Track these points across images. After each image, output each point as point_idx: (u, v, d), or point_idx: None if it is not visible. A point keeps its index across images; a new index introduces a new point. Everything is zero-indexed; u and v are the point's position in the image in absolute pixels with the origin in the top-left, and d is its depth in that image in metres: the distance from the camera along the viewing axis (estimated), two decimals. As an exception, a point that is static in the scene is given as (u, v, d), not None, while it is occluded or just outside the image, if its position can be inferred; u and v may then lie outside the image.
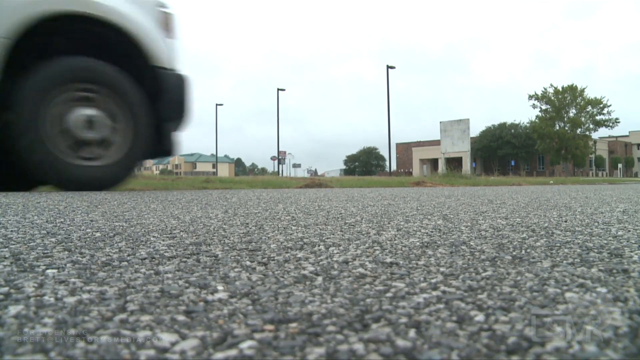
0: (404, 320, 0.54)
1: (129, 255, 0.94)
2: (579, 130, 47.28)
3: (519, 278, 0.75)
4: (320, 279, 0.75)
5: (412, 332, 0.50)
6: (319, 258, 0.92)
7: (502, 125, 62.13)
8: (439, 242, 1.12)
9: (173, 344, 0.47)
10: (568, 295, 0.64)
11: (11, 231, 1.28)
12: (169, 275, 0.76)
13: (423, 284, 0.71)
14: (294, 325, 0.52)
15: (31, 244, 1.07)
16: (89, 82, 3.00)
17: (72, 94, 3.01)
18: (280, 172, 35.92)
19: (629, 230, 1.34)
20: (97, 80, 3.02)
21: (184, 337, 0.48)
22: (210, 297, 0.63)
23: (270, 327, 0.52)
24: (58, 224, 1.45)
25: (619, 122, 46.86)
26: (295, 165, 48.56)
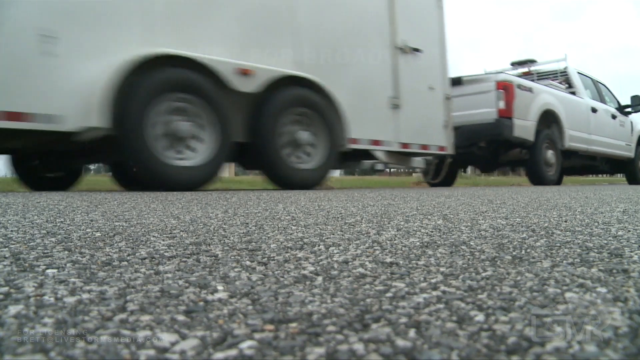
0: (403, 320, 0.54)
1: (129, 255, 0.94)
2: (579, 130, 47.23)
3: (519, 278, 0.75)
4: (320, 278, 0.75)
5: (412, 332, 0.50)
6: (319, 258, 0.92)
7: (502, 125, 62.00)
8: (439, 242, 1.12)
9: (173, 343, 0.47)
10: (568, 295, 0.64)
11: (11, 231, 1.28)
12: (169, 275, 0.76)
13: (423, 284, 0.71)
14: (294, 325, 0.52)
15: (31, 243, 1.07)
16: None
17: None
18: (280, 172, 35.84)
19: (629, 230, 1.34)
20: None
21: (184, 337, 0.48)
22: (210, 297, 0.63)
23: (270, 327, 0.52)
24: (58, 224, 1.45)
25: (619, 122, 46.80)
26: (295, 165, 48.49)
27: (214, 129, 3.50)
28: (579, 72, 8.19)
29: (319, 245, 1.07)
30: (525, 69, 8.26)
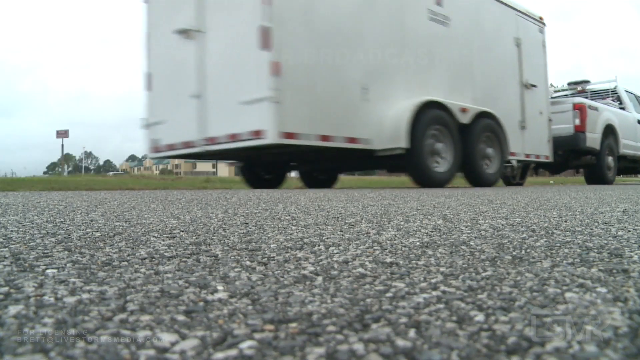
0: (403, 320, 0.54)
1: (129, 255, 0.94)
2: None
3: (519, 278, 0.75)
4: (320, 278, 0.75)
5: (412, 332, 0.50)
6: (318, 258, 0.92)
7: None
8: (439, 242, 1.12)
9: (173, 343, 0.47)
10: (568, 295, 0.64)
11: (11, 231, 1.29)
12: (169, 275, 0.76)
13: (423, 284, 0.71)
14: (293, 325, 0.52)
15: (31, 243, 1.07)
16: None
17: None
18: (280, 172, 35.80)
19: (629, 230, 1.34)
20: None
21: (183, 337, 0.48)
22: (210, 297, 0.63)
23: (270, 327, 0.52)
24: (58, 224, 1.45)
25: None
26: (295, 165, 48.40)
27: (451, 147, 5.39)
28: (626, 90, 9.93)
29: (319, 245, 1.07)
30: (579, 88, 10.07)
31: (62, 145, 22.36)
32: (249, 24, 4.20)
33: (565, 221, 1.60)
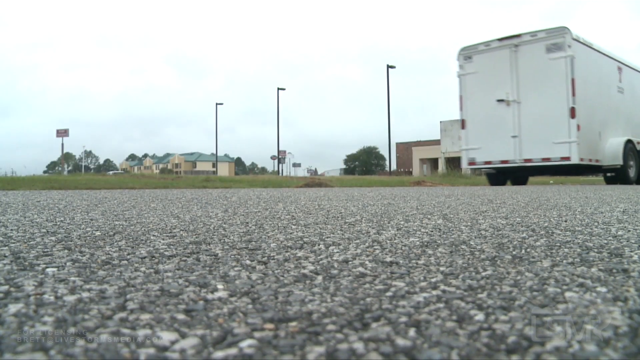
0: (403, 319, 0.54)
1: (128, 254, 0.94)
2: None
3: (519, 277, 0.75)
4: (320, 278, 0.75)
5: (412, 331, 0.50)
6: (318, 257, 0.92)
7: (503, 125, 62.12)
8: (439, 242, 1.12)
9: (173, 342, 0.47)
10: (568, 294, 0.64)
11: (11, 230, 1.28)
12: (169, 274, 0.76)
13: (423, 283, 0.71)
14: (293, 324, 0.52)
15: (31, 242, 1.07)
16: None
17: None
18: (280, 171, 35.90)
19: (629, 230, 1.34)
20: None
21: (183, 336, 0.48)
22: (210, 296, 0.63)
23: (270, 326, 0.52)
24: (58, 223, 1.45)
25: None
26: (295, 165, 48.50)
27: (634, 163, 9.35)
28: None
29: (319, 245, 1.07)
30: None
31: (62, 144, 22.36)
32: (561, 103, 8.41)
33: (565, 221, 1.60)
